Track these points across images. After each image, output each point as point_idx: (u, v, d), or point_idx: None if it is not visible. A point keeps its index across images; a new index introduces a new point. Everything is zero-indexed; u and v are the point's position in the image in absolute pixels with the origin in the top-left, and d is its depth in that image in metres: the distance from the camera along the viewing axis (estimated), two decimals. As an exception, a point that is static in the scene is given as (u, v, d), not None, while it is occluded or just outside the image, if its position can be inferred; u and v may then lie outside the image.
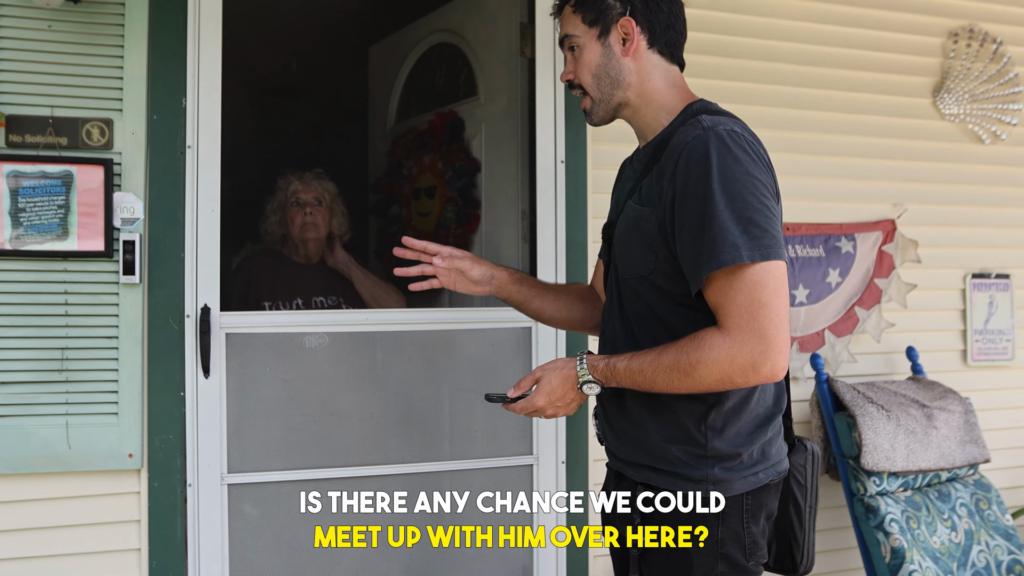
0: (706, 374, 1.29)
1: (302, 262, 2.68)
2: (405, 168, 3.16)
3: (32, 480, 1.96)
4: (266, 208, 2.70)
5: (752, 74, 2.61)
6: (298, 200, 2.64)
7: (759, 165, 1.31)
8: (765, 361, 1.26)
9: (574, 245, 2.35)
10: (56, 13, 1.95)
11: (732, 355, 1.27)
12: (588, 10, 1.43)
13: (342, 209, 2.73)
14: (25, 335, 1.95)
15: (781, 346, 1.27)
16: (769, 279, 1.26)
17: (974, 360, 2.85)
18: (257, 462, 2.12)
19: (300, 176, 2.68)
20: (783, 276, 1.28)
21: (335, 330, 2.21)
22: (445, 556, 2.30)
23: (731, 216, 1.25)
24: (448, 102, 2.94)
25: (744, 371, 1.27)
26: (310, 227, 2.63)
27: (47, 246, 1.95)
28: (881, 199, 2.75)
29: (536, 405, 1.41)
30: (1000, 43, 2.89)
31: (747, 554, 1.38)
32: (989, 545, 2.51)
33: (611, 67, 1.43)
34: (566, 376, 1.40)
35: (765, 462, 1.40)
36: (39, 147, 1.95)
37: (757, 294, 1.26)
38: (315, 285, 2.64)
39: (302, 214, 2.63)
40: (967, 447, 2.57)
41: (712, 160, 1.28)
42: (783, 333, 1.27)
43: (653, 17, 1.42)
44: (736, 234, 1.25)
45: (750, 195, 1.27)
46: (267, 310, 2.55)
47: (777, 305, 1.26)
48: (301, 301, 2.59)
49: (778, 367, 1.27)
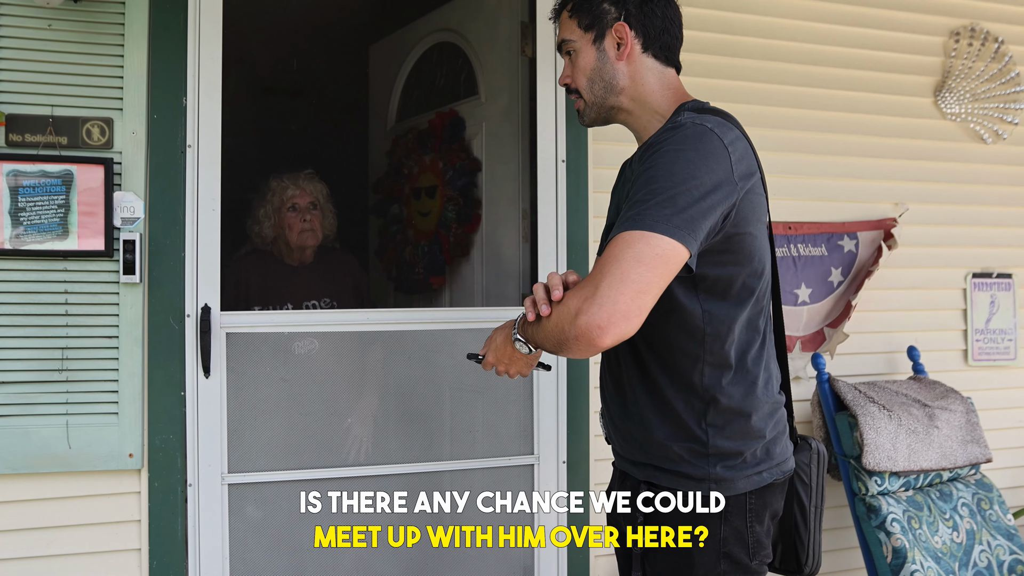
0: (551, 322, 1.26)
1: (294, 264, 2.66)
2: (406, 168, 3.16)
3: (32, 480, 1.96)
4: (257, 212, 2.66)
5: (753, 73, 2.60)
6: (295, 206, 2.61)
7: (711, 157, 1.27)
8: (585, 310, 1.18)
9: (575, 245, 2.35)
10: (56, 12, 1.95)
11: (567, 301, 1.24)
12: (583, 15, 1.46)
13: (332, 209, 2.71)
14: (25, 335, 1.95)
15: (605, 301, 1.17)
16: (640, 245, 1.19)
17: (975, 360, 2.85)
18: (257, 462, 2.12)
19: (294, 179, 2.64)
20: (664, 254, 1.19)
21: (335, 330, 2.21)
22: (445, 556, 2.30)
23: (648, 193, 1.24)
24: (449, 101, 2.94)
25: (569, 318, 1.21)
26: (309, 233, 2.62)
27: (47, 245, 1.94)
28: (882, 198, 2.75)
29: (488, 361, 1.47)
30: (1002, 42, 2.88)
31: (751, 553, 1.38)
32: (991, 545, 2.51)
33: (605, 71, 1.45)
34: (506, 335, 1.43)
35: (769, 461, 1.40)
36: (39, 146, 1.95)
37: (619, 251, 1.20)
38: (307, 289, 2.61)
39: (300, 220, 2.61)
40: (969, 447, 2.57)
41: (662, 148, 1.28)
42: (615, 290, 1.17)
43: (647, 22, 1.44)
44: (640, 208, 1.23)
45: (675, 178, 1.24)
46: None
47: (629, 267, 1.18)
48: (291, 306, 2.57)
49: (593, 320, 1.17)
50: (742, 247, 1.34)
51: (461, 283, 2.91)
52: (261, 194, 2.67)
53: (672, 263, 1.21)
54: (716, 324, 1.35)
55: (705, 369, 1.36)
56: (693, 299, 1.34)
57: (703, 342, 1.36)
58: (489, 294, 2.74)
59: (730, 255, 1.33)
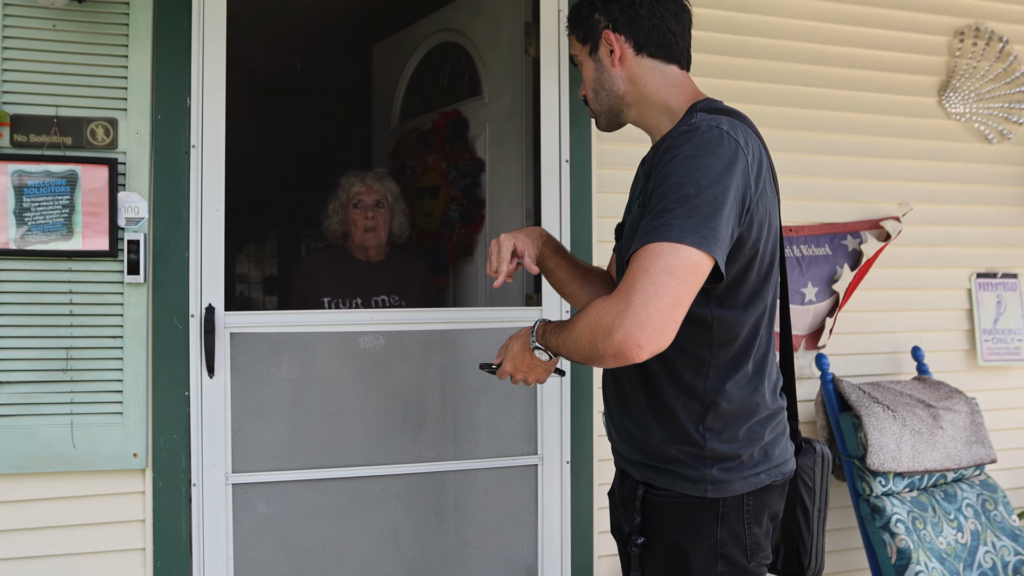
0: (579, 335, 1.27)
1: (363, 260, 2.70)
2: (409, 168, 3.16)
3: (36, 480, 1.96)
4: (328, 207, 2.72)
5: (757, 73, 2.60)
6: (360, 202, 2.66)
7: (729, 161, 1.27)
8: (620, 326, 1.19)
9: (579, 244, 2.35)
10: (61, 13, 1.95)
11: (599, 316, 1.23)
12: (579, 30, 1.51)
13: (403, 208, 2.75)
14: (30, 335, 1.95)
15: (641, 317, 1.18)
16: (671, 257, 1.20)
17: (984, 360, 2.84)
18: (261, 462, 2.12)
19: (362, 177, 2.70)
20: (693, 265, 1.20)
21: (340, 330, 2.21)
22: (449, 556, 2.30)
23: (671, 202, 1.23)
24: (452, 101, 2.94)
25: (603, 333, 1.21)
26: (371, 232, 2.66)
27: (52, 246, 1.95)
28: (886, 198, 2.75)
29: (505, 371, 1.49)
30: (1007, 42, 2.87)
31: (748, 555, 1.37)
32: (995, 546, 2.50)
33: (604, 79, 1.48)
34: (524, 343, 1.45)
35: (767, 463, 1.39)
36: (44, 147, 1.96)
37: (648, 264, 1.20)
38: (376, 284, 2.66)
39: (364, 217, 2.65)
40: (973, 447, 2.56)
41: (680, 153, 1.27)
42: (652, 306, 1.18)
43: (635, 24, 1.45)
44: (666, 218, 1.22)
45: (698, 185, 1.24)
46: (327, 307, 2.56)
47: (661, 280, 1.19)
48: (360, 301, 2.60)
49: (630, 338, 1.18)
50: (754, 250, 1.33)
51: (464, 283, 2.91)
52: (333, 190, 2.73)
53: (700, 273, 1.22)
54: (725, 330, 1.35)
55: (710, 372, 1.36)
56: (704, 305, 1.33)
57: (710, 347, 1.35)
58: (492, 294, 2.74)
59: (742, 258, 1.32)
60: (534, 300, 2.46)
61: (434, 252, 2.96)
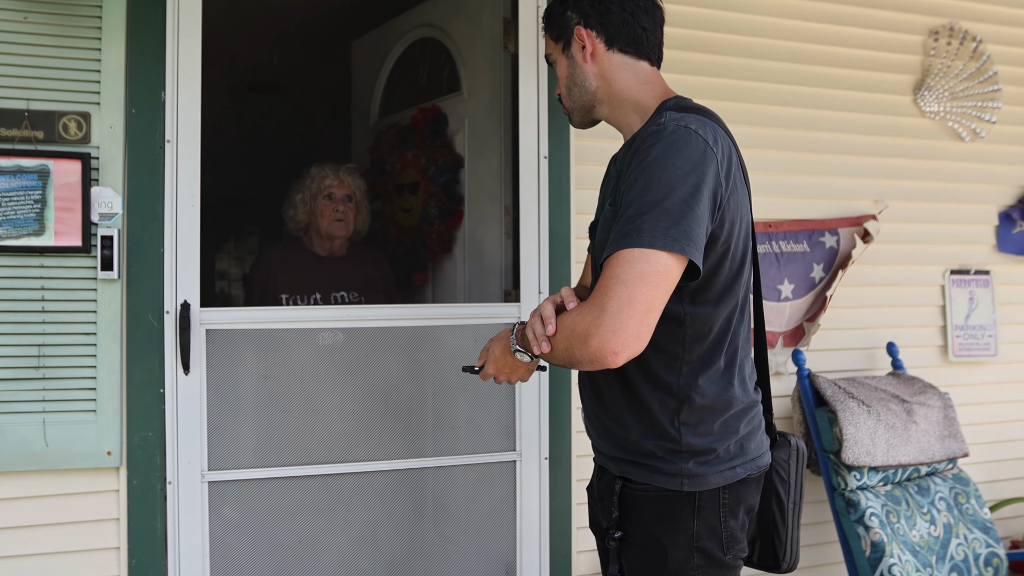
0: (559, 340, 1.31)
1: (324, 255, 2.67)
2: (388, 164, 3.15)
3: (8, 478, 1.93)
4: (294, 196, 2.69)
5: (736, 71, 2.62)
6: (330, 195, 2.65)
7: (698, 161, 1.28)
8: (595, 333, 1.22)
9: (557, 240, 2.35)
10: (32, 4, 1.92)
11: (575, 323, 1.27)
12: (553, 28, 1.53)
13: (367, 206, 2.75)
14: (0, 332, 1.92)
15: (615, 324, 1.21)
16: (642, 263, 1.22)
17: (955, 356, 2.88)
18: (238, 459, 2.11)
19: (335, 171, 2.68)
20: (665, 269, 1.22)
21: (319, 326, 2.19)
22: (428, 552, 2.29)
23: (642, 206, 1.25)
24: (431, 97, 2.93)
25: (579, 341, 1.25)
26: (340, 224, 2.64)
27: (23, 241, 1.92)
28: (862, 195, 2.77)
29: (488, 372, 1.50)
30: (980, 41, 2.91)
31: (724, 548, 1.38)
32: (967, 538, 2.54)
33: (577, 76, 1.50)
34: (504, 346, 1.47)
35: (743, 456, 1.41)
36: (14, 140, 1.93)
37: (621, 271, 1.22)
38: (336, 280, 2.64)
39: (333, 210, 2.63)
40: (946, 442, 2.59)
41: (649, 155, 1.28)
42: (625, 313, 1.20)
43: (605, 20, 1.46)
44: (637, 223, 1.24)
45: (667, 187, 1.25)
46: (285, 304, 2.54)
47: (634, 287, 1.21)
48: (320, 296, 2.58)
49: (606, 345, 1.21)
50: (726, 246, 1.34)
51: (444, 279, 2.90)
52: (300, 180, 2.70)
53: (672, 277, 1.24)
54: (697, 326, 1.36)
55: (683, 368, 1.37)
56: (676, 302, 1.34)
57: (683, 343, 1.36)
58: (472, 290, 2.74)
59: (713, 255, 1.33)
60: (513, 296, 2.46)
61: (413, 248, 2.95)
